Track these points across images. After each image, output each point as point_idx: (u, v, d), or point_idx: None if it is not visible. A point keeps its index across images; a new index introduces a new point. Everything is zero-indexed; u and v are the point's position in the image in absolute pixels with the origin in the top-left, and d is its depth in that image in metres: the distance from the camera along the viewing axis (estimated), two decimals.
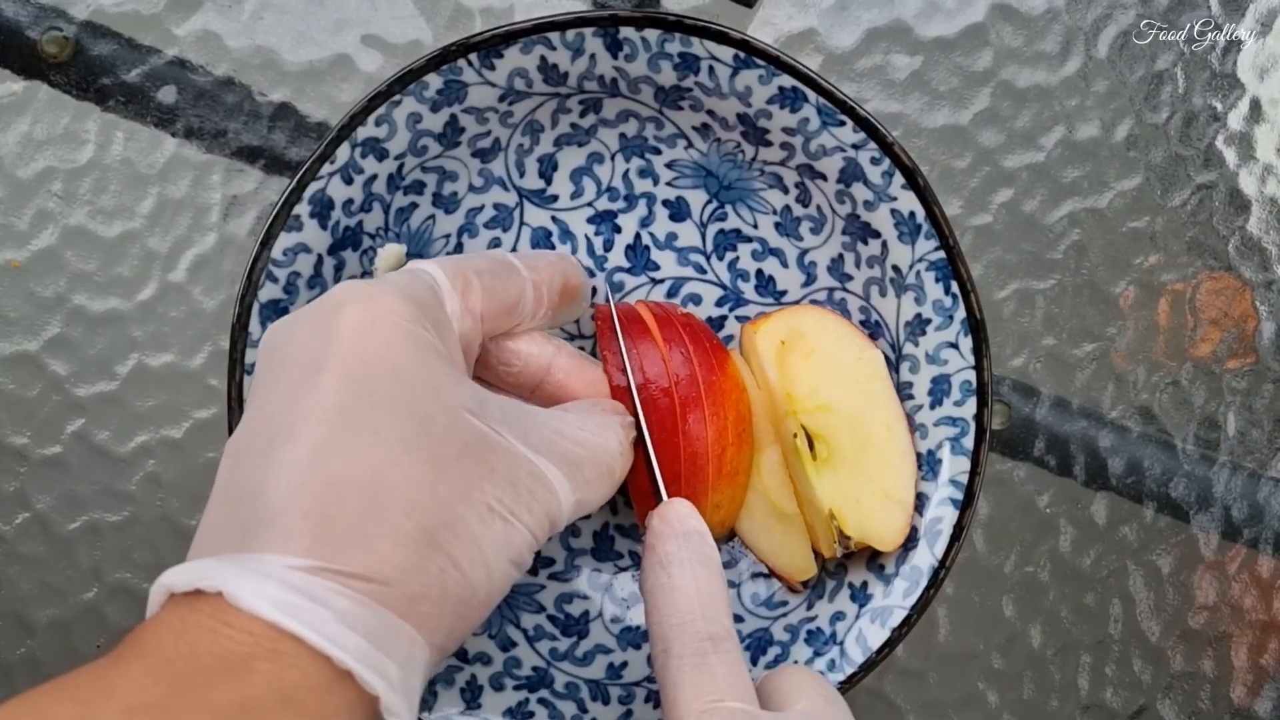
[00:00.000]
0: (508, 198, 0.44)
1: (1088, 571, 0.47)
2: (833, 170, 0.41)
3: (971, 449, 0.41)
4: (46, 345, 0.46)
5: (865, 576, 0.42)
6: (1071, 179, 0.47)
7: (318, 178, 0.40)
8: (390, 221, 0.42)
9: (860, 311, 0.43)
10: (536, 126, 0.43)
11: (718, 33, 0.40)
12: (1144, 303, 0.47)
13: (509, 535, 0.30)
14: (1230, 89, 0.48)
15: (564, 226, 0.44)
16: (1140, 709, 0.47)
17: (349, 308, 0.31)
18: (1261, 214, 0.48)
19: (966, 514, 0.40)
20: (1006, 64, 0.47)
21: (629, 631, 0.44)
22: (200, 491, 0.46)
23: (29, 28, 0.46)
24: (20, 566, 0.46)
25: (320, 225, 0.40)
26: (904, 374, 0.42)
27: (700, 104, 0.42)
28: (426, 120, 0.41)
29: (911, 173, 0.40)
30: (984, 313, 0.41)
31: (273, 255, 0.40)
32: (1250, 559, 0.47)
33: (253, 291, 0.40)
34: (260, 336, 0.39)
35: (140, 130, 0.46)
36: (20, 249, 0.46)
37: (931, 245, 0.41)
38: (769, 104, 0.41)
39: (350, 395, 0.29)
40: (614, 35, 0.40)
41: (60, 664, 0.45)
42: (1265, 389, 0.48)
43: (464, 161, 0.43)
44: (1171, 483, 0.47)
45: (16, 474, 0.46)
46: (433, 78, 0.40)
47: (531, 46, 0.40)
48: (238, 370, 0.40)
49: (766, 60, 0.40)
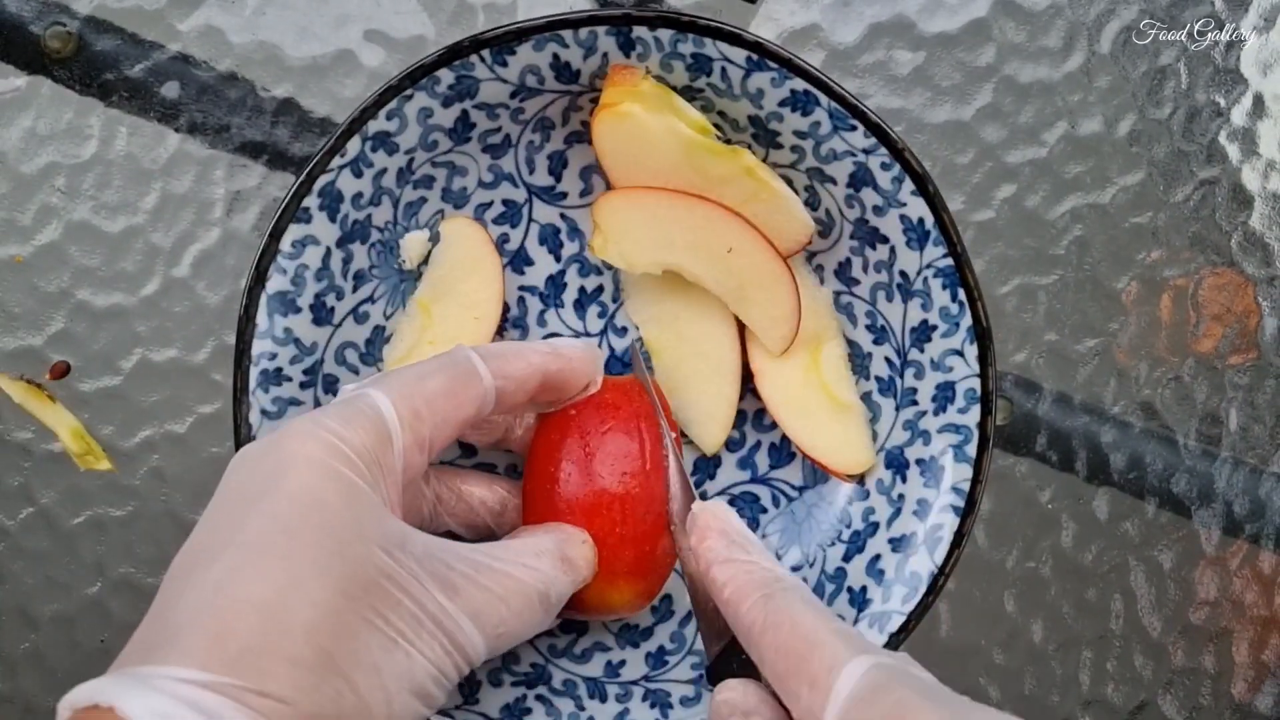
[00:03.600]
0: (517, 194, 0.44)
1: (1089, 567, 0.47)
2: (843, 174, 0.41)
3: (974, 457, 0.41)
4: (50, 340, 0.46)
5: (864, 581, 0.42)
6: (1074, 174, 0.47)
7: (328, 170, 0.40)
8: (399, 215, 0.42)
9: (866, 316, 0.43)
10: (547, 124, 0.43)
11: (731, 34, 0.39)
12: (1146, 298, 0.47)
13: (410, 667, 0.32)
14: (1233, 84, 0.48)
15: (572, 224, 0.44)
16: (1141, 704, 0.47)
17: (290, 445, 0.32)
18: (1264, 209, 0.48)
19: (967, 522, 0.40)
20: (1009, 59, 0.47)
21: (628, 629, 0.44)
22: (204, 486, 0.46)
23: (32, 23, 0.46)
24: (24, 561, 0.46)
25: (329, 218, 0.40)
26: (908, 379, 0.42)
27: (711, 105, 0.42)
28: (438, 115, 0.41)
29: (922, 179, 0.40)
30: (990, 321, 0.40)
31: (281, 247, 0.40)
32: (1252, 554, 0.47)
33: (260, 283, 0.40)
34: (267, 328, 0.40)
35: (144, 125, 0.46)
36: (24, 244, 0.46)
37: (940, 252, 0.41)
38: (780, 106, 0.41)
39: (271, 526, 0.31)
40: (627, 34, 0.40)
41: (63, 658, 0.46)
42: (1267, 384, 0.48)
43: (474, 157, 0.43)
44: (1173, 478, 0.47)
45: (21, 469, 0.46)
46: (445, 73, 0.40)
47: (544, 44, 0.40)
48: (244, 360, 0.40)
49: (779, 63, 0.40)
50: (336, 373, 0.42)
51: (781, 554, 0.44)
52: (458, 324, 0.43)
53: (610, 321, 0.44)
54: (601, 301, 0.44)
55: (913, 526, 0.41)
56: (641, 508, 0.38)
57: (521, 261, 0.44)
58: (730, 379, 0.43)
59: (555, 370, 0.38)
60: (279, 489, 0.31)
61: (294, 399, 0.41)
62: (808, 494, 0.44)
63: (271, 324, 0.40)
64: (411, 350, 0.43)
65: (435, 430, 0.35)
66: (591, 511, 0.38)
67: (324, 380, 0.42)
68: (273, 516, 0.31)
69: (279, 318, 0.40)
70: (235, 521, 0.31)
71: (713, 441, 0.44)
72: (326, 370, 0.42)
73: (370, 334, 0.43)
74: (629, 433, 0.39)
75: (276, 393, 0.40)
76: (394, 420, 0.34)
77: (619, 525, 0.38)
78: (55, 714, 0.28)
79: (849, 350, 0.44)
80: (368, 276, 0.42)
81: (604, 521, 0.38)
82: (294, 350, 0.41)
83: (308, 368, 0.41)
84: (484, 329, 0.43)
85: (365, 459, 0.33)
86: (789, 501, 0.44)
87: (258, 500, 0.31)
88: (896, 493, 0.42)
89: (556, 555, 0.37)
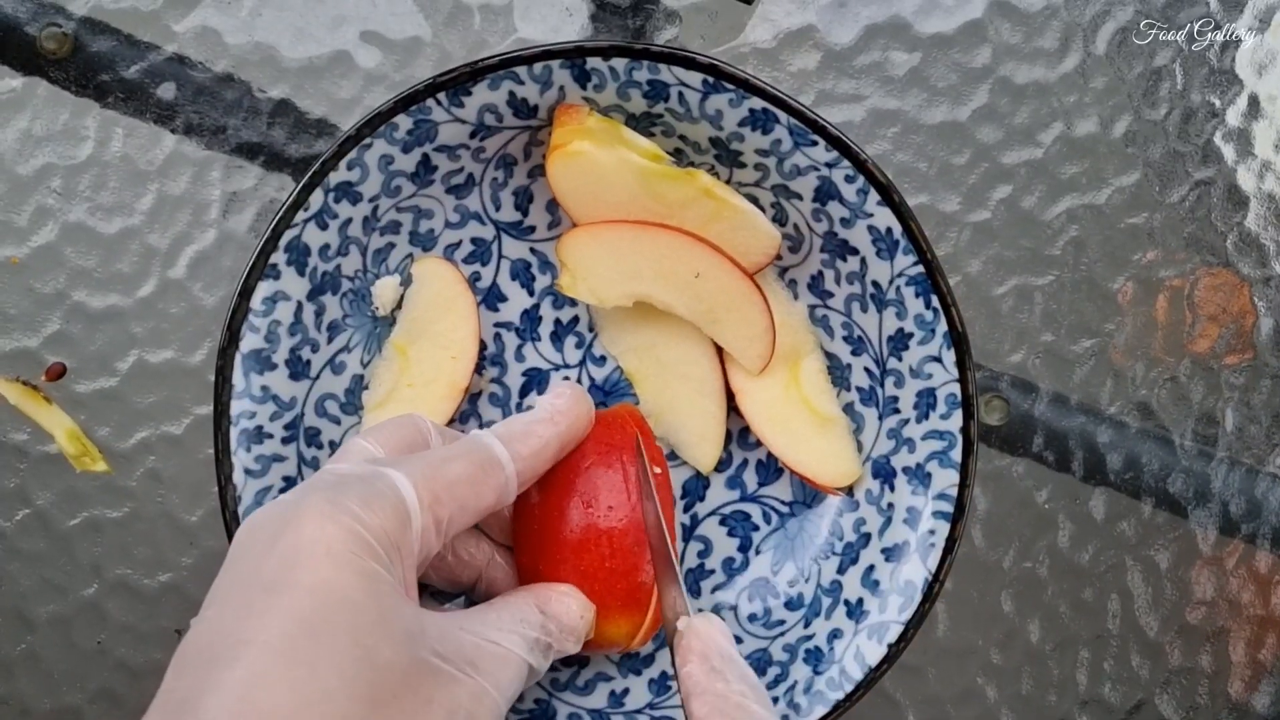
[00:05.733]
0: (485, 231, 0.44)
1: (1086, 567, 0.47)
2: (808, 189, 0.41)
3: (960, 461, 0.41)
4: (46, 341, 0.46)
5: (860, 593, 0.42)
6: (1070, 175, 0.47)
7: (292, 225, 0.40)
8: (369, 263, 0.42)
9: (843, 328, 0.43)
10: (509, 160, 0.43)
11: (685, 59, 0.39)
12: (1142, 299, 0.47)
13: None
14: (1229, 85, 0.48)
15: (543, 257, 0.44)
16: (1138, 704, 0.47)
17: (308, 528, 0.31)
18: (1259, 210, 0.48)
19: (958, 527, 0.40)
20: (1005, 60, 0.47)
21: (629, 658, 0.44)
22: (201, 487, 0.46)
23: (28, 24, 0.46)
24: (20, 563, 0.46)
25: (298, 272, 0.40)
26: (889, 388, 0.42)
27: (672, 129, 0.42)
28: (399, 161, 0.41)
29: (886, 189, 0.40)
30: (965, 325, 0.41)
31: (251, 305, 0.40)
32: (1248, 554, 0.47)
33: (234, 343, 0.40)
34: (244, 387, 0.40)
35: (140, 126, 0.46)
36: (20, 245, 0.46)
37: (910, 260, 0.41)
38: (741, 126, 0.41)
39: (295, 625, 0.30)
40: (581, 66, 0.40)
41: (60, 660, 0.46)
42: (1263, 384, 0.48)
43: (439, 199, 0.43)
44: (1169, 478, 0.47)
45: (17, 470, 0.46)
46: (402, 119, 0.40)
47: (500, 82, 0.40)
48: (224, 421, 0.40)
49: (736, 84, 0.40)
50: (318, 425, 0.42)
51: (776, 570, 0.44)
52: (435, 365, 0.43)
53: (588, 351, 0.44)
54: (578, 332, 0.44)
55: (904, 535, 0.41)
56: (629, 540, 0.38)
57: (495, 298, 0.44)
58: (716, 397, 0.43)
59: (566, 431, 0.38)
60: (299, 582, 0.30)
61: (277, 455, 0.41)
62: (798, 509, 0.44)
63: (248, 383, 0.40)
64: (390, 394, 0.43)
65: (454, 516, 0.35)
66: (579, 548, 0.38)
67: (306, 434, 0.42)
68: (295, 615, 0.30)
69: (255, 376, 0.40)
70: (255, 611, 0.30)
71: (708, 461, 0.44)
72: (308, 423, 0.42)
73: (349, 383, 0.43)
74: (610, 465, 0.39)
75: (259, 451, 0.40)
76: (414, 504, 0.34)
77: (608, 559, 0.38)
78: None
79: (828, 362, 0.44)
80: (342, 326, 0.42)
81: (593, 557, 0.38)
82: (273, 407, 0.41)
83: (288, 423, 0.41)
84: (461, 368, 0.43)
85: (384, 544, 0.32)
86: (780, 518, 0.44)
87: (277, 591, 0.30)
88: (886, 502, 0.42)
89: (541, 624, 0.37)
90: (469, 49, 0.47)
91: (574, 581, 0.38)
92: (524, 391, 0.44)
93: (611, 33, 0.47)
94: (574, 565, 0.38)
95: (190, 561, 0.46)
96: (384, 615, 0.31)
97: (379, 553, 0.32)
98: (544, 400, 0.39)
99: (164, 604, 0.46)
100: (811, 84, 0.47)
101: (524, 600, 0.37)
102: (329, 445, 0.42)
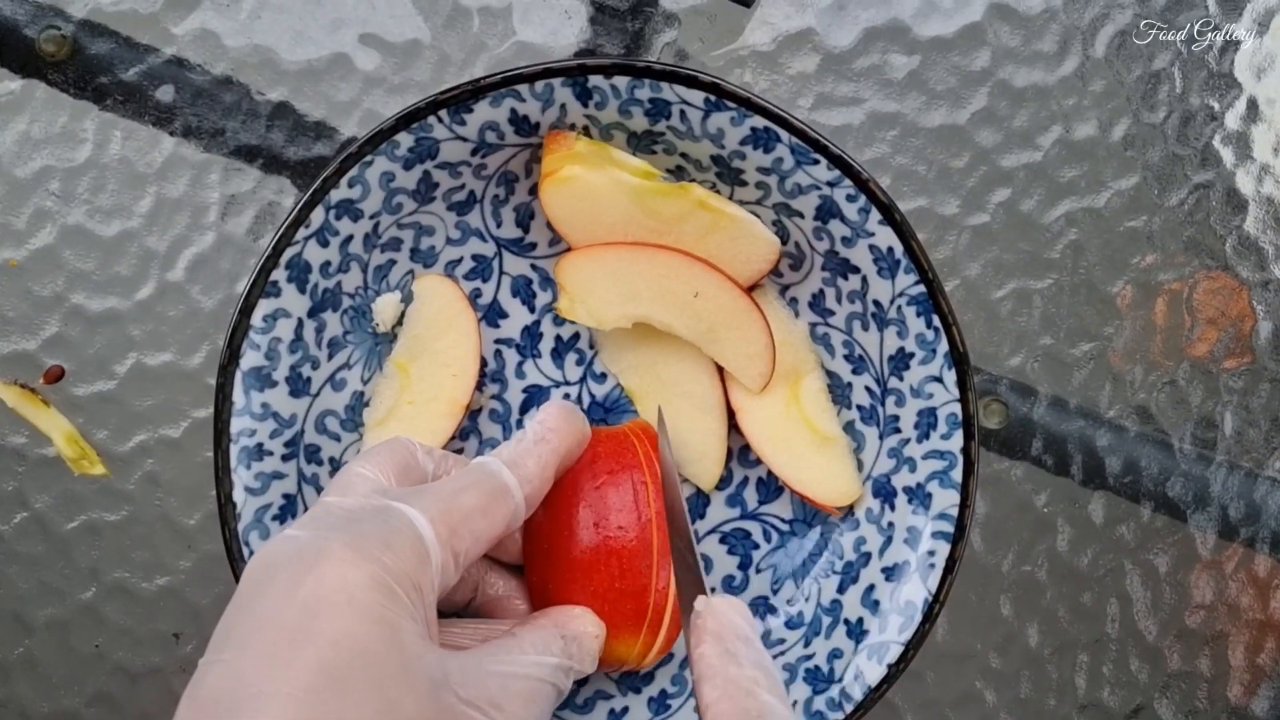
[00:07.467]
0: (486, 248, 0.44)
1: (1085, 571, 0.47)
2: (809, 208, 0.41)
3: (960, 482, 0.41)
4: (44, 344, 0.46)
5: (860, 613, 0.42)
6: (1069, 178, 0.47)
7: (293, 243, 0.40)
8: (369, 280, 0.42)
9: (844, 346, 0.43)
10: (511, 177, 0.43)
11: (687, 77, 0.39)
12: (1141, 302, 0.47)
13: None
14: (1227, 89, 0.48)
15: (543, 274, 0.44)
16: (1137, 708, 0.47)
17: (330, 574, 0.31)
18: (1258, 213, 0.48)
19: (958, 548, 0.40)
20: (1004, 63, 0.47)
21: (628, 675, 0.43)
22: (199, 491, 0.46)
23: (26, 26, 0.46)
24: (18, 566, 0.46)
25: (299, 289, 0.40)
26: (890, 407, 0.42)
27: (674, 148, 0.41)
28: (400, 178, 0.41)
29: (888, 208, 0.40)
30: (966, 345, 0.40)
31: (252, 322, 0.40)
32: (1247, 558, 0.47)
33: (234, 360, 0.40)
34: (245, 404, 0.40)
35: (138, 129, 0.46)
36: (18, 248, 0.46)
37: (911, 280, 0.41)
38: (742, 145, 0.41)
39: (318, 677, 0.29)
40: (583, 84, 0.40)
41: (58, 663, 0.45)
42: (1262, 388, 0.48)
43: (440, 216, 0.43)
44: (1169, 482, 0.47)
45: (15, 474, 0.46)
46: (404, 136, 0.40)
47: (501, 100, 0.40)
48: (224, 439, 0.40)
49: (737, 102, 0.39)
50: (318, 442, 0.42)
51: (776, 589, 0.44)
52: (435, 382, 0.43)
53: (589, 369, 0.44)
54: (579, 349, 0.44)
55: (905, 555, 0.41)
56: (639, 560, 0.39)
57: (495, 315, 0.44)
58: (717, 414, 0.43)
59: (562, 446, 0.38)
60: (323, 633, 0.30)
61: (277, 472, 0.41)
62: (798, 527, 0.44)
63: (248, 400, 0.40)
64: (391, 412, 0.43)
65: (469, 547, 0.35)
66: (590, 568, 0.38)
67: (306, 451, 0.41)
68: (319, 667, 0.30)
69: (255, 393, 0.40)
70: (279, 662, 0.30)
71: (709, 478, 0.44)
72: (308, 440, 0.42)
73: (350, 400, 0.43)
74: (619, 485, 0.39)
75: (259, 468, 0.40)
76: (432, 540, 0.33)
77: (618, 580, 0.38)
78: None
79: (829, 381, 0.44)
80: (342, 343, 0.42)
81: (603, 577, 0.38)
82: (273, 424, 0.41)
83: (288, 440, 0.41)
84: (462, 385, 0.43)
85: (404, 585, 0.32)
86: (780, 536, 0.44)
87: (300, 640, 0.30)
88: (886, 521, 0.42)
89: (563, 649, 0.37)
90: (468, 52, 0.47)
91: (584, 601, 0.38)
92: (524, 408, 0.44)
93: (610, 35, 0.47)
94: (584, 585, 0.38)
95: (188, 565, 0.46)
96: (407, 665, 0.31)
97: (400, 596, 0.32)
98: (533, 422, 0.39)
99: (162, 607, 0.46)
100: (810, 87, 0.47)
101: (544, 627, 0.37)
102: (329, 462, 0.42)
